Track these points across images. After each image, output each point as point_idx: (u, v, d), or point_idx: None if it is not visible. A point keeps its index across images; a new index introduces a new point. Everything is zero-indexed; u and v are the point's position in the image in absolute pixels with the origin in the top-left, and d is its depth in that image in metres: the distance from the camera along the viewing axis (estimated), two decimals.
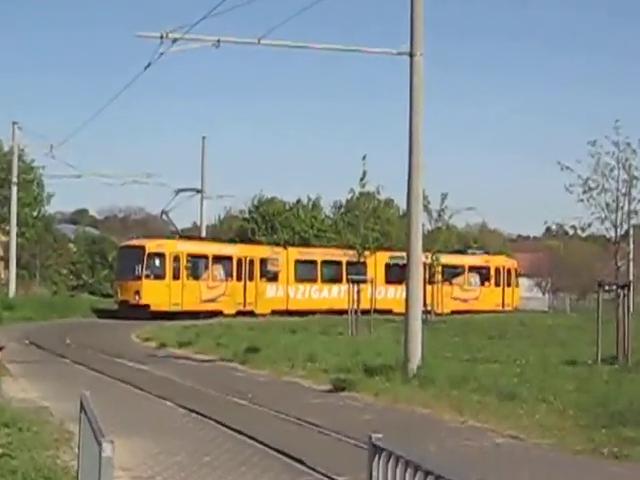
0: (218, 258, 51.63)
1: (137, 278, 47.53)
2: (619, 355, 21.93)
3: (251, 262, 52.73)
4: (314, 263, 56.15)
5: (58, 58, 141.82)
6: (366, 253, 37.16)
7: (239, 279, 52.06)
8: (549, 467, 11.58)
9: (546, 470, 11.39)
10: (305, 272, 55.51)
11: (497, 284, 64.11)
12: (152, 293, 47.34)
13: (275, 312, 51.60)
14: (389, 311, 48.21)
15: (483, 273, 64.06)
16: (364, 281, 36.24)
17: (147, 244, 48.94)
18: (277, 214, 71.60)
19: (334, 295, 53.39)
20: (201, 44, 22.09)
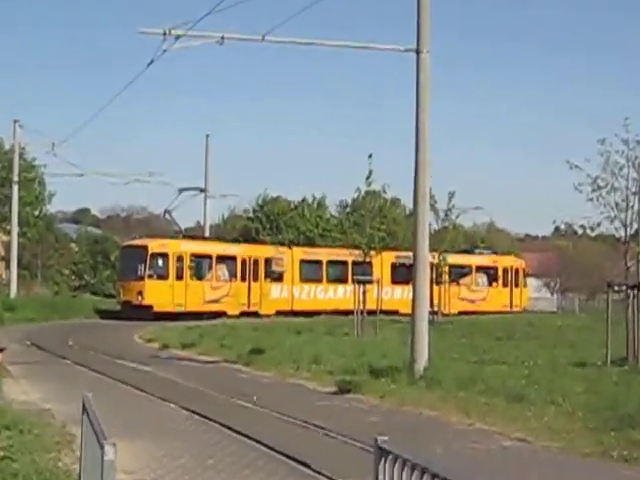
0: (222, 258, 51.64)
1: (140, 278, 47.56)
2: (629, 356, 21.88)
3: (255, 262, 52.75)
4: (319, 263, 56.16)
5: (59, 55, 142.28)
6: (372, 253, 37.09)
7: (243, 279, 52.06)
8: (557, 470, 11.58)
9: (554, 473, 11.39)
10: (310, 272, 55.51)
11: (505, 284, 64.06)
12: (155, 293, 47.36)
13: (280, 313, 51.61)
14: (395, 312, 48.17)
15: (491, 273, 64.00)
16: (370, 281, 36.22)
17: (150, 244, 48.97)
18: (282, 213, 71.59)
19: (340, 296, 53.43)
20: (204, 41, 22.09)
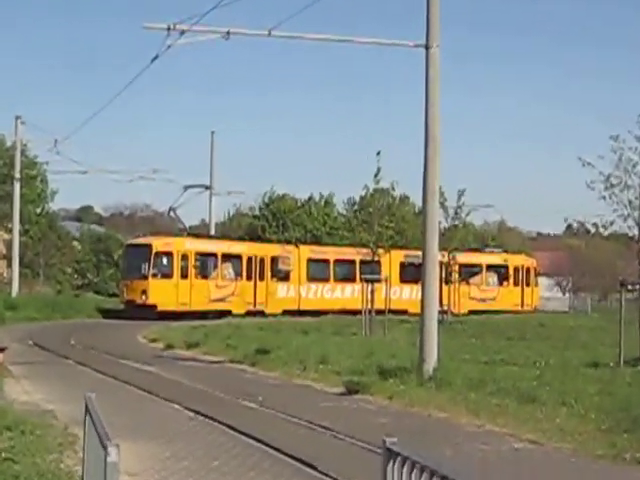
0: (227, 257, 51.66)
1: (144, 277, 47.58)
2: None
3: (261, 261, 52.75)
4: (327, 262, 56.14)
5: (62, 51, 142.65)
6: (380, 251, 37.09)
7: (249, 278, 52.06)
8: (569, 473, 11.56)
9: (566, 476, 11.38)
10: (317, 271, 55.51)
11: (516, 284, 64.01)
12: (159, 293, 47.38)
13: (286, 312, 51.56)
14: (404, 311, 48.17)
15: (501, 272, 63.94)
16: (378, 280, 36.22)
17: (154, 242, 48.98)
18: (288, 211, 71.62)
19: (347, 295, 53.46)
20: (210, 36, 22.06)
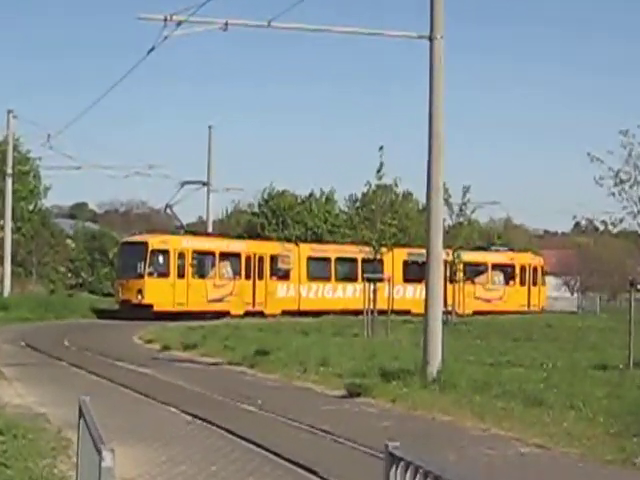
0: (225, 255, 51.68)
1: (139, 276, 47.60)
2: None
3: (260, 259, 52.77)
4: (327, 260, 56.17)
5: (56, 43, 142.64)
6: (383, 250, 37.04)
7: (248, 277, 52.09)
8: (577, 478, 11.58)
9: None
10: (318, 270, 55.52)
11: (522, 283, 64.03)
12: (155, 292, 47.41)
13: (286, 312, 51.57)
14: (407, 311, 48.29)
15: (507, 271, 63.97)
16: (381, 280, 36.24)
17: (150, 240, 48.96)
18: (288, 208, 71.62)
19: (349, 294, 53.48)
20: (207, 27, 22.07)
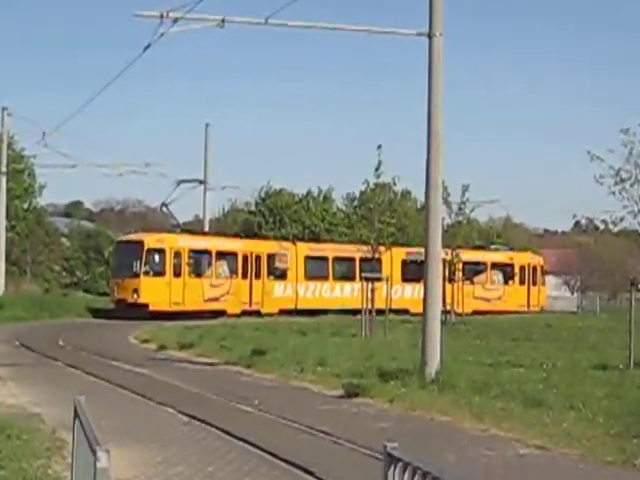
0: (222, 254, 51.65)
1: (135, 275, 47.59)
2: None
3: (257, 258, 52.76)
4: (325, 260, 56.15)
5: (51, 40, 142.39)
6: (381, 249, 37.08)
7: (244, 277, 52.08)
8: (577, 479, 11.58)
9: None
10: (315, 269, 55.51)
11: (522, 282, 64.05)
12: (151, 291, 47.37)
13: (283, 312, 51.62)
14: (406, 311, 48.29)
15: (507, 271, 63.98)
16: (379, 279, 36.23)
17: (146, 239, 48.95)
18: (285, 207, 71.62)
19: (346, 294, 53.49)
20: (204, 24, 22.07)
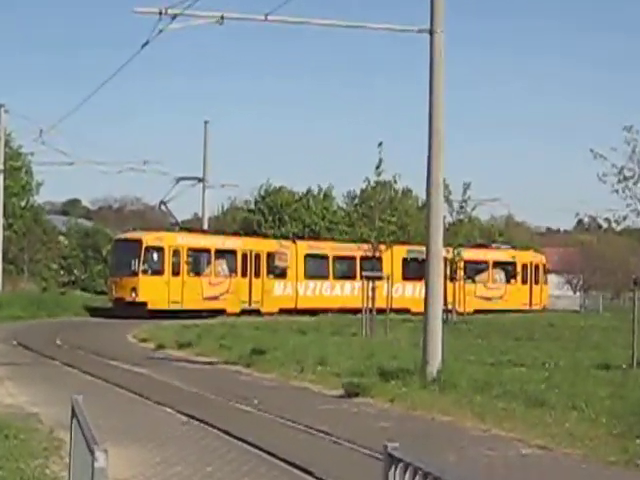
0: (221, 252, 51.63)
1: (133, 274, 47.55)
2: None
3: (257, 257, 52.74)
4: (325, 258, 56.14)
5: (48, 36, 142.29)
6: (382, 247, 37.07)
7: (244, 275, 52.05)
8: (580, 479, 11.59)
9: None
10: (316, 268, 55.50)
11: (524, 281, 64.06)
12: (150, 290, 47.34)
13: (283, 311, 51.64)
14: (407, 310, 48.32)
15: (509, 269, 63.96)
16: (379, 278, 36.23)
17: (144, 237, 48.90)
18: (285, 205, 71.61)
19: (347, 293, 53.49)
20: (203, 21, 22.04)
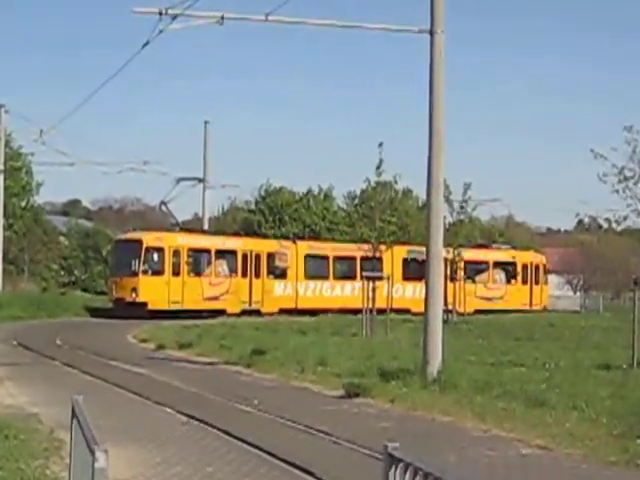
0: (221, 253, 51.64)
1: (134, 274, 47.56)
2: None
3: (257, 257, 52.74)
4: (326, 258, 56.14)
5: (48, 36, 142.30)
6: (382, 248, 37.07)
7: (244, 275, 52.06)
8: (580, 479, 11.59)
9: None
10: (316, 268, 55.50)
11: (524, 282, 64.05)
12: (150, 290, 47.35)
13: (283, 311, 51.64)
14: (407, 310, 48.32)
15: (509, 270, 63.96)
16: (380, 278, 36.22)
17: (145, 237, 48.91)
18: (286, 205, 71.62)
19: (347, 293, 53.50)
20: (203, 21, 22.05)
